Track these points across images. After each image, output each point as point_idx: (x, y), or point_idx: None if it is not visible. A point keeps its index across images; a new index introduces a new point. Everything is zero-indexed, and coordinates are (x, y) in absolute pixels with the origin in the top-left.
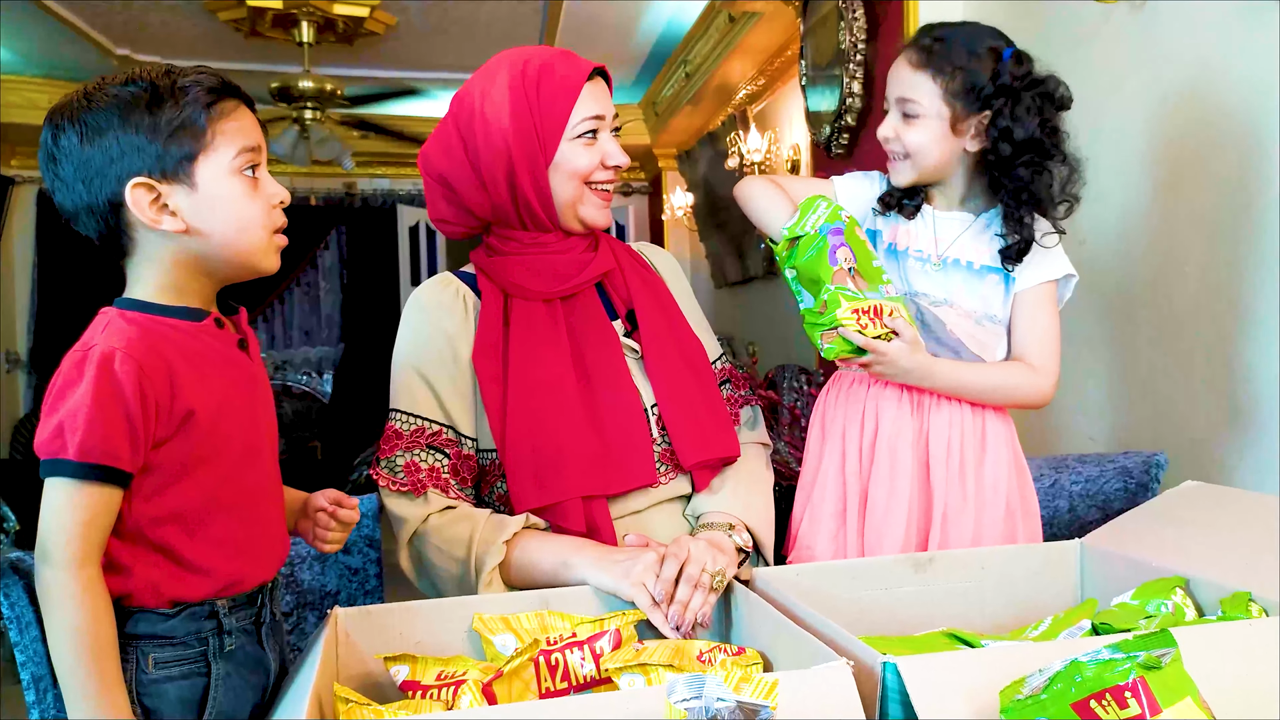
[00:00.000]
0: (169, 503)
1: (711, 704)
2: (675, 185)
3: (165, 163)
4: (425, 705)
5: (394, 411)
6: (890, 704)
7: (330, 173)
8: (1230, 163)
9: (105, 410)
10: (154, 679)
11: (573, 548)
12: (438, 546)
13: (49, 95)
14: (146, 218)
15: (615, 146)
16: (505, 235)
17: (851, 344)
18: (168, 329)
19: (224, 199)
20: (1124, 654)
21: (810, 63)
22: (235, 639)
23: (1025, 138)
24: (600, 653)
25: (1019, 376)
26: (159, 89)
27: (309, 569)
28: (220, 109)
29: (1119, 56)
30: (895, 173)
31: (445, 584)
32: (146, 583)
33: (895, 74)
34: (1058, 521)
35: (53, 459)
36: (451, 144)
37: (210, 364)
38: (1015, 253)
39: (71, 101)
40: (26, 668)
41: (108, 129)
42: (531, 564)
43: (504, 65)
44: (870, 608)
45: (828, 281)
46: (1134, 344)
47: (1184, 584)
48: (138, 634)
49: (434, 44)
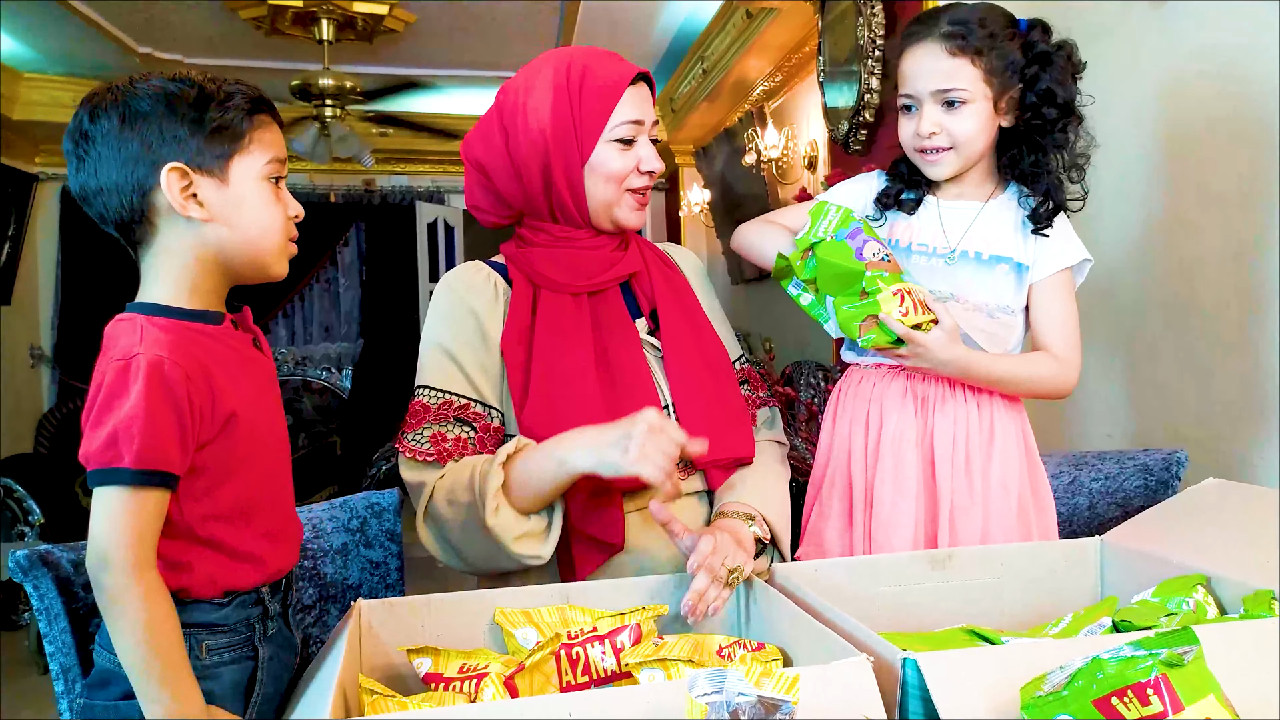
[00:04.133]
0: (218, 501)
1: (733, 698)
2: (692, 182)
3: (203, 157)
4: (448, 697)
5: (420, 388)
6: (910, 700)
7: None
8: (1248, 158)
9: (158, 417)
10: (208, 665)
11: (564, 443)
12: (446, 499)
13: (71, 93)
14: (176, 201)
15: (651, 151)
16: (536, 227)
17: (891, 334)
18: (196, 334)
19: (250, 199)
20: (1146, 651)
21: (828, 58)
22: (275, 623)
23: (1067, 98)
24: (621, 647)
25: (1049, 367)
26: (206, 91)
27: (331, 562)
28: (258, 120)
29: (1137, 50)
30: (936, 167)
31: (460, 536)
32: (204, 577)
33: (928, 66)
34: (1077, 519)
35: (107, 469)
36: (492, 133)
37: (237, 366)
38: (1047, 214)
39: (115, 86)
40: (55, 658)
41: (152, 116)
42: (530, 474)
43: (550, 62)
44: (889, 604)
45: (863, 270)
46: (1152, 340)
47: (1205, 581)
48: (192, 623)
49: (453, 42)
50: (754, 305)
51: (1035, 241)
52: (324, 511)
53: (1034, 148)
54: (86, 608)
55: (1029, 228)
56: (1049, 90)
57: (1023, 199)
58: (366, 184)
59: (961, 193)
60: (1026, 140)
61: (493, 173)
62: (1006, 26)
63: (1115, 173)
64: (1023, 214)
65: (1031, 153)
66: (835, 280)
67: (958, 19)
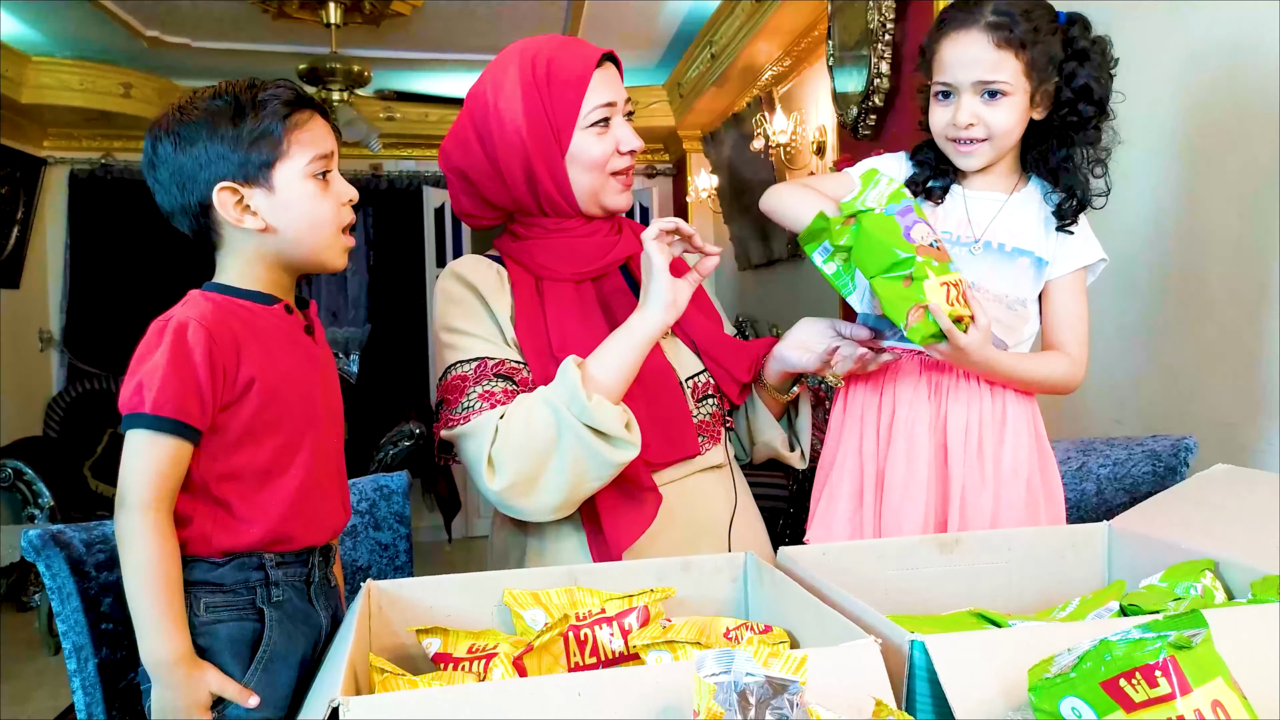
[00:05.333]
0: (234, 462)
1: (740, 678)
2: (700, 167)
3: (248, 169)
4: (458, 677)
5: (450, 368)
6: (918, 682)
7: (357, 154)
8: (1262, 145)
9: (179, 370)
10: (205, 621)
11: (625, 331)
12: (523, 425)
13: (80, 77)
14: (231, 217)
15: (629, 131)
16: (529, 222)
17: (936, 326)
18: (239, 308)
19: (297, 199)
20: (1154, 634)
21: (837, 43)
22: (283, 591)
23: (1102, 95)
24: (629, 629)
25: (1063, 367)
26: (241, 102)
27: (341, 545)
28: (295, 120)
29: (1152, 37)
30: (970, 158)
31: (539, 456)
32: (199, 533)
33: (972, 55)
34: (1085, 505)
35: (133, 413)
36: (468, 139)
37: (275, 341)
38: (1073, 210)
39: (168, 115)
40: (68, 637)
41: (197, 139)
42: (605, 361)
43: (514, 59)
44: (896, 587)
45: (914, 254)
46: (1162, 327)
47: (1213, 566)
48: (192, 580)
49: (460, 25)
50: (761, 291)
51: (1058, 238)
52: None
53: (1064, 142)
54: (98, 587)
55: (1053, 224)
56: (1086, 86)
57: (1048, 195)
58: (374, 168)
59: (987, 183)
60: (1058, 135)
61: (475, 178)
62: (1049, 20)
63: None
64: (1047, 210)
65: (1062, 147)
66: (873, 254)
67: (1003, 9)
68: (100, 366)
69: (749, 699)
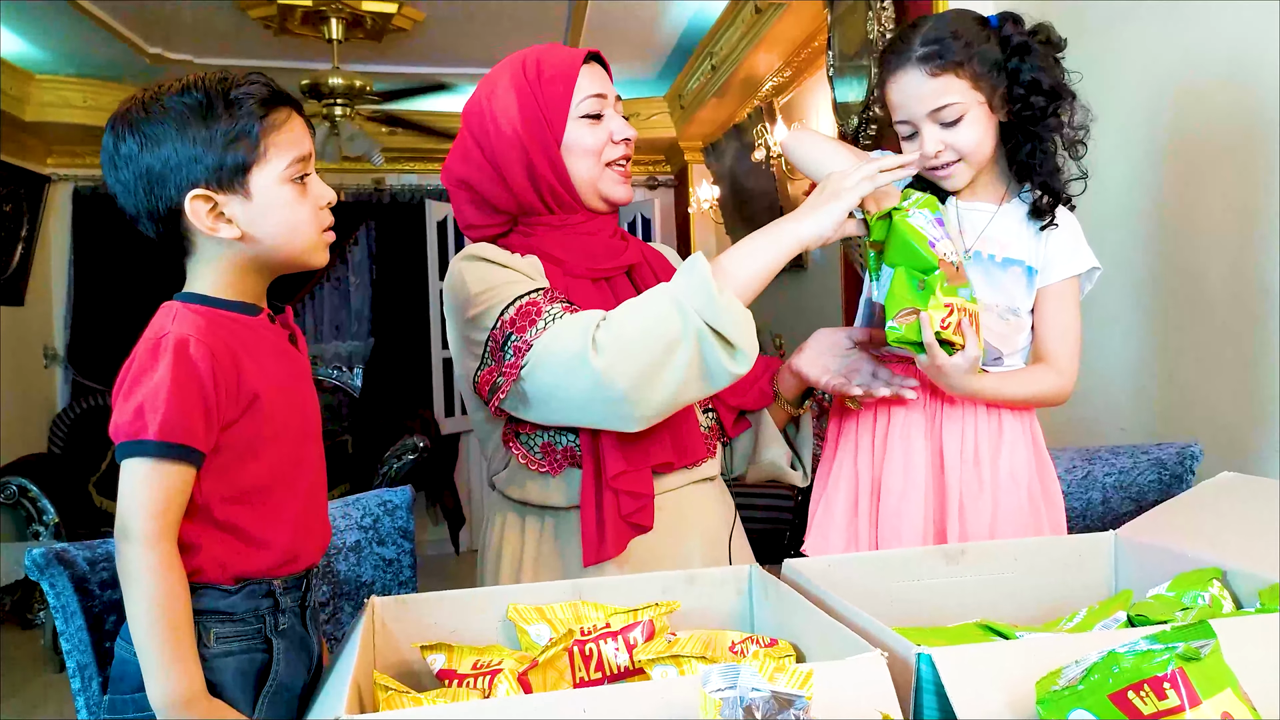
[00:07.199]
0: (238, 481)
1: (746, 693)
2: (701, 178)
3: (222, 174)
4: (462, 693)
5: (516, 300)
6: (925, 695)
7: (360, 169)
8: (1260, 148)
9: (183, 391)
10: (215, 653)
11: (772, 232)
12: (633, 318)
13: (83, 94)
14: (204, 226)
15: (621, 122)
16: (534, 222)
17: (919, 335)
18: (228, 320)
19: (275, 206)
20: (1162, 645)
21: (837, 53)
22: (287, 619)
23: (1053, 83)
24: (634, 643)
25: (1048, 381)
26: (213, 99)
27: (344, 560)
28: (272, 120)
29: (1151, 39)
30: (951, 180)
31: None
32: (213, 559)
33: (912, 93)
34: (1090, 513)
35: (133, 440)
36: (469, 149)
37: (266, 353)
38: (1048, 205)
39: (130, 110)
40: (72, 655)
41: (165, 140)
42: (747, 266)
43: (505, 67)
44: (901, 599)
45: (935, 265)
46: (1165, 334)
47: (1221, 575)
48: (201, 609)
49: (461, 40)
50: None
51: (1046, 246)
52: (337, 509)
53: (1029, 136)
54: (102, 605)
55: (1036, 225)
56: (1034, 79)
57: (1023, 195)
58: (376, 183)
59: (976, 195)
60: (1022, 131)
61: (478, 184)
62: (979, 29)
63: (1127, 162)
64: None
65: (1028, 141)
66: (901, 251)
67: (929, 38)
68: (105, 383)
69: (755, 714)
